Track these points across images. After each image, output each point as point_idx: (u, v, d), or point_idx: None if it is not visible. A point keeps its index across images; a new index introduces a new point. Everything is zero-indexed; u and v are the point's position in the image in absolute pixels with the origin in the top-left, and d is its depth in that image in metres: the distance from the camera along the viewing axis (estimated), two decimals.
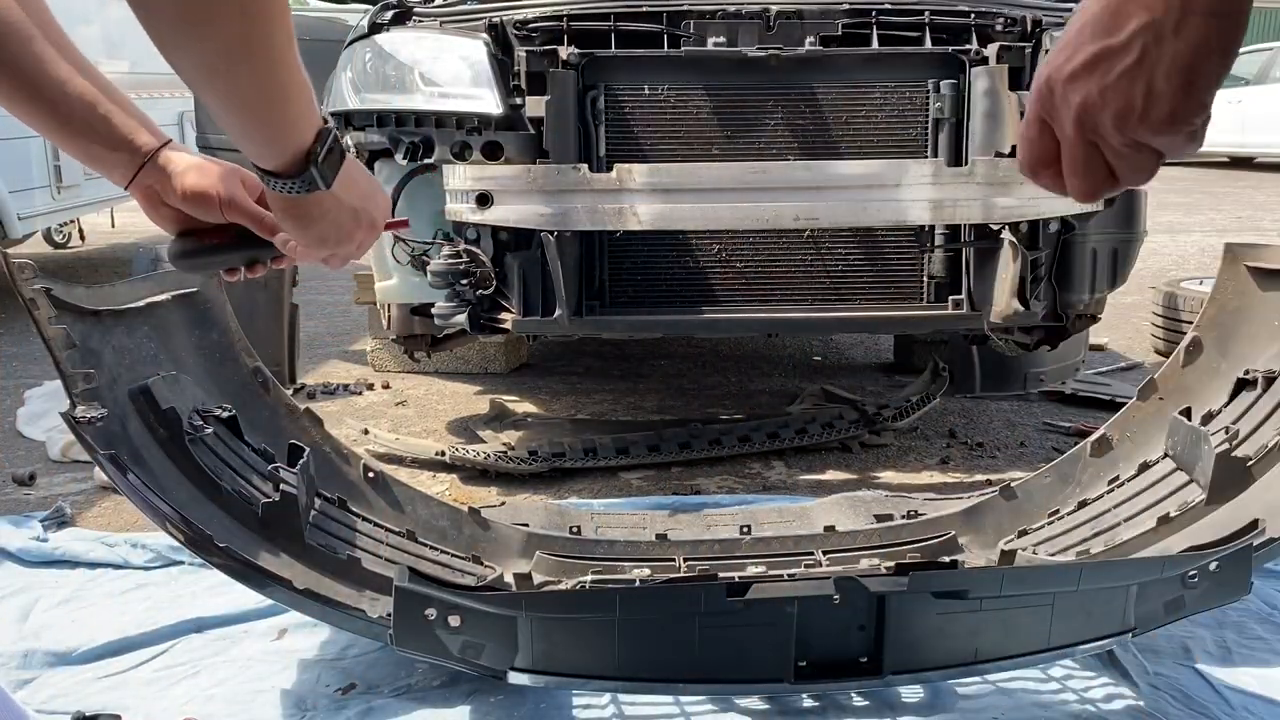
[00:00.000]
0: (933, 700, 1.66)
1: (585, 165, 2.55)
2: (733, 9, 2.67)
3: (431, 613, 1.42)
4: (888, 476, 2.94)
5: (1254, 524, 1.59)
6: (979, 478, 2.89)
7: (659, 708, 1.64)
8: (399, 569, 1.47)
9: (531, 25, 2.64)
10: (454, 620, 1.43)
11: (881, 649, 1.52)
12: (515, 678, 1.48)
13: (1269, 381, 1.82)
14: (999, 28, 2.67)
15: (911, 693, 1.67)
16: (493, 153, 2.57)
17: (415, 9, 2.85)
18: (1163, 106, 0.58)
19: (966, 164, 2.61)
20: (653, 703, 1.64)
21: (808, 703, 1.64)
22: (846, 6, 2.68)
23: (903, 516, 2.12)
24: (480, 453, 2.93)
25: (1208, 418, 1.87)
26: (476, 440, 3.17)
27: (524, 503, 2.60)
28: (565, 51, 2.57)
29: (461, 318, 2.66)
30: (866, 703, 1.64)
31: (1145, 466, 1.95)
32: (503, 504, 2.48)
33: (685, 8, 2.68)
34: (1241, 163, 13.89)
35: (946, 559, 1.79)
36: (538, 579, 1.88)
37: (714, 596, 1.45)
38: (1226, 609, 1.84)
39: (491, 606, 1.45)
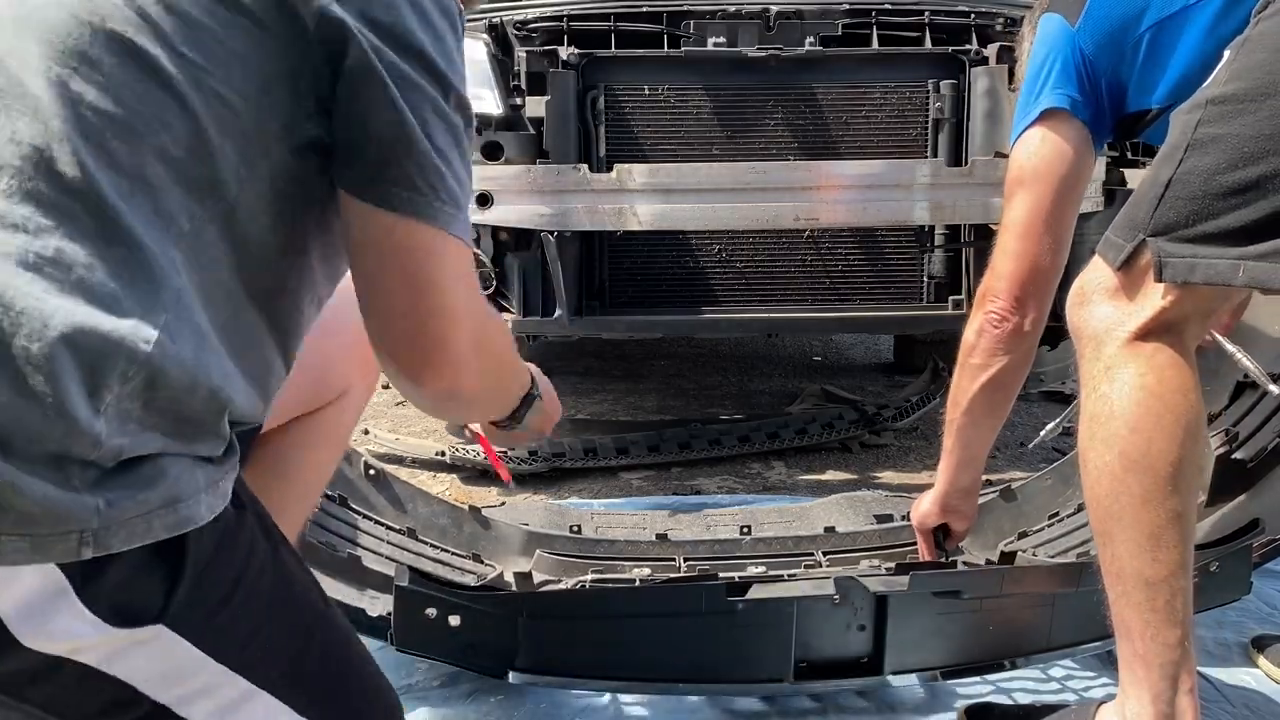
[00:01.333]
0: (932, 700, 1.66)
1: (585, 165, 2.55)
2: (733, 9, 2.67)
3: (432, 612, 1.42)
4: (888, 476, 2.94)
5: (1254, 523, 1.59)
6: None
7: (659, 708, 1.64)
8: (399, 568, 1.47)
9: (531, 25, 2.64)
10: (454, 620, 1.42)
11: (882, 649, 1.52)
12: (515, 678, 1.48)
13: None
14: (999, 28, 2.67)
15: (911, 693, 1.67)
16: (493, 153, 2.57)
17: None
18: None
19: (966, 164, 2.61)
20: (652, 703, 1.64)
21: (808, 703, 1.64)
22: (846, 6, 2.68)
23: (902, 517, 2.11)
24: (480, 453, 2.93)
25: (1208, 420, 1.87)
26: (476, 440, 3.16)
27: (524, 503, 2.60)
28: (565, 51, 2.57)
29: None
30: (866, 703, 1.64)
31: None
32: (503, 504, 2.48)
33: (685, 8, 2.68)
34: None
35: (946, 559, 1.79)
36: (538, 578, 1.87)
37: (714, 596, 1.45)
38: (1226, 609, 1.84)
39: (492, 606, 1.45)
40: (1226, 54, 1.15)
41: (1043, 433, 1.93)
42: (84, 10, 0.76)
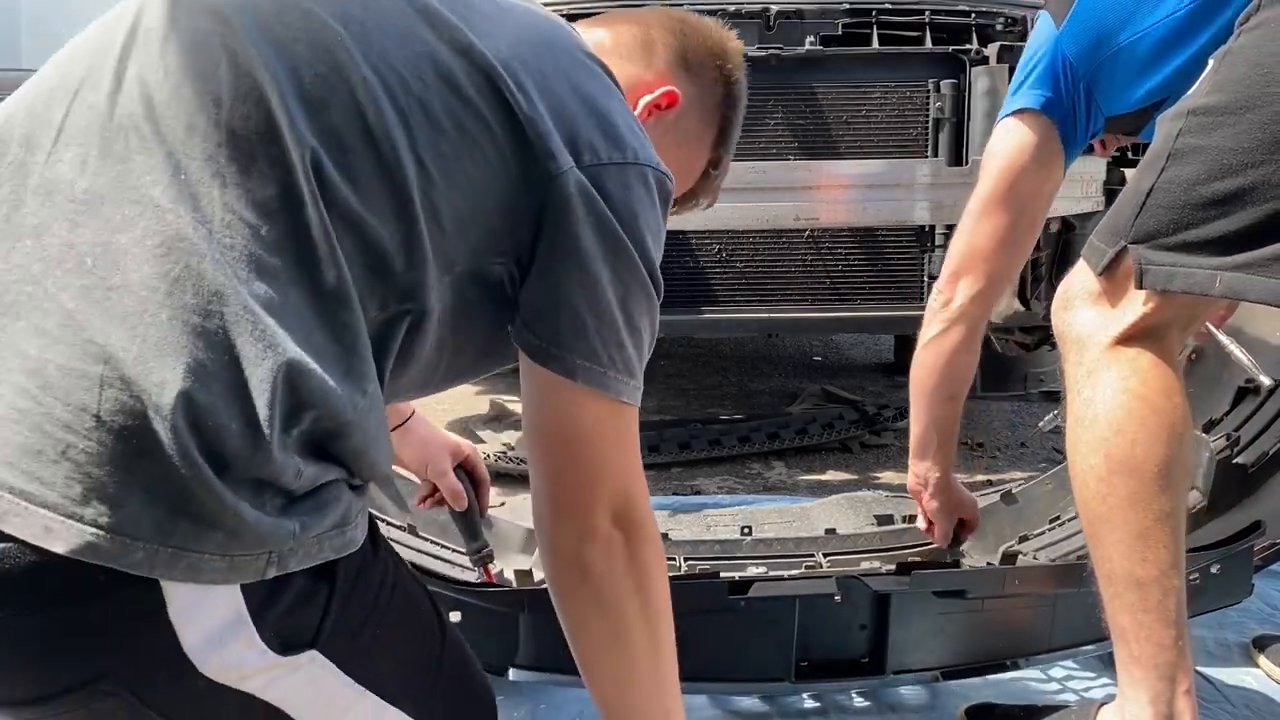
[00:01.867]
0: (933, 701, 1.65)
1: None
2: (732, 8, 2.67)
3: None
4: (888, 476, 2.94)
5: (1256, 525, 1.59)
6: (979, 478, 2.89)
7: None
8: None
9: None
10: (454, 616, 1.42)
11: (883, 649, 1.52)
12: (516, 675, 1.48)
13: (1270, 389, 1.81)
14: (999, 27, 2.67)
15: (912, 693, 1.67)
16: None
17: None
18: None
19: (967, 164, 2.61)
20: None
21: (809, 703, 1.64)
22: (846, 6, 2.68)
23: (903, 519, 2.11)
24: (482, 453, 2.92)
25: (1209, 425, 1.86)
26: (476, 440, 3.17)
27: (524, 503, 2.60)
28: None
29: None
30: (868, 703, 1.64)
31: None
32: (503, 504, 2.48)
33: (685, 7, 2.68)
34: None
35: (948, 559, 1.79)
36: (539, 575, 1.87)
37: (716, 594, 1.45)
38: (1226, 610, 1.83)
39: (492, 604, 1.44)
40: (1210, 64, 1.15)
41: (1041, 423, 1.94)
42: (351, 93, 0.80)
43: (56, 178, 0.76)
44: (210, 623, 0.73)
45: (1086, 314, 1.22)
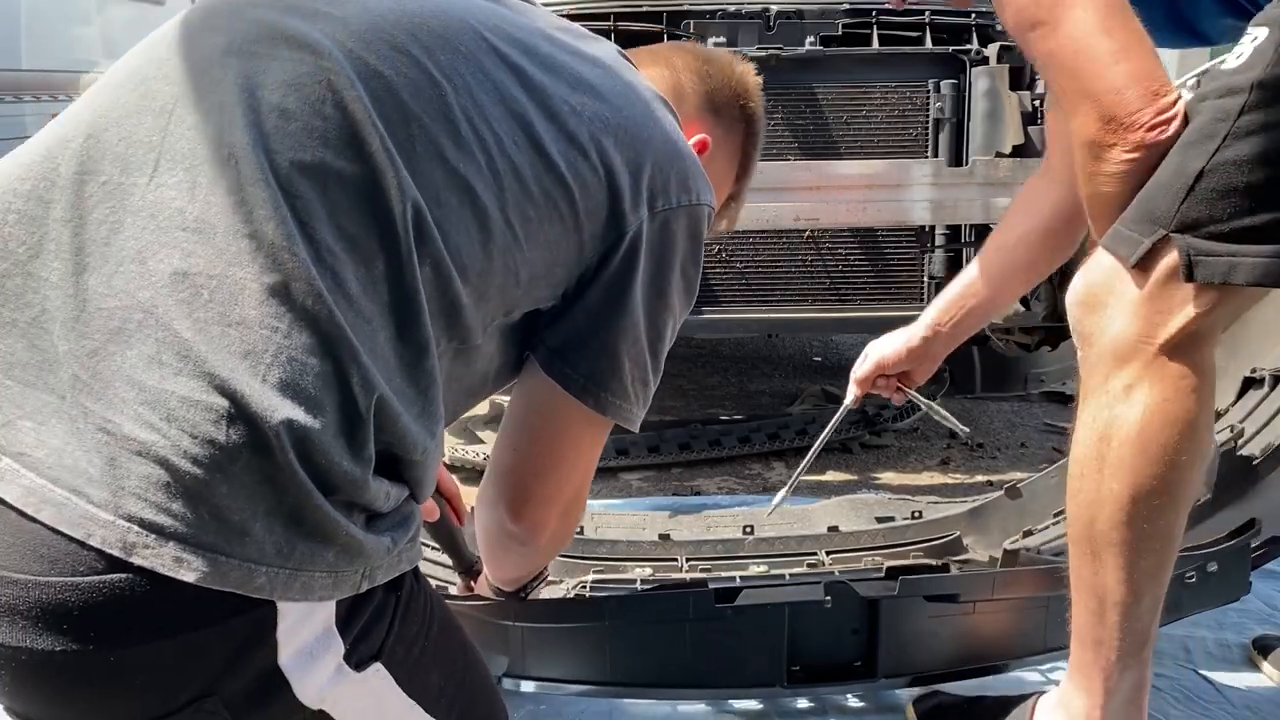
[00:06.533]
0: None
1: None
2: (733, 9, 2.67)
3: None
4: (888, 477, 2.93)
5: (1251, 523, 1.59)
6: (979, 479, 2.88)
7: (657, 712, 1.63)
8: None
9: None
10: None
11: (875, 653, 1.51)
12: (508, 684, 1.48)
13: (1276, 380, 1.81)
14: (1000, 27, 2.66)
15: (910, 694, 1.67)
16: None
17: None
18: None
19: (967, 164, 2.61)
20: (651, 707, 1.64)
21: (805, 703, 1.63)
22: (846, 6, 2.68)
23: (905, 518, 2.11)
24: (480, 453, 2.92)
25: (1214, 416, 1.86)
26: (476, 440, 3.17)
27: None
28: None
29: None
30: (865, 704, 1.64)
31: None
32: None
33: (685, 7, 2.68)
34: None
35: (937, 562, 1.78)
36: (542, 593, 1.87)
37: (703, 602, 1.45)
38: (1226, 610, 1.83)
39: (481, 615, 1.44)
40: (1265, 31, 1.01)
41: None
42: (450, 148, 0.83)
43: (160, 202, 0.75)
44: (307, 638, 0.75)
45: (1123, 318, 1.07)
